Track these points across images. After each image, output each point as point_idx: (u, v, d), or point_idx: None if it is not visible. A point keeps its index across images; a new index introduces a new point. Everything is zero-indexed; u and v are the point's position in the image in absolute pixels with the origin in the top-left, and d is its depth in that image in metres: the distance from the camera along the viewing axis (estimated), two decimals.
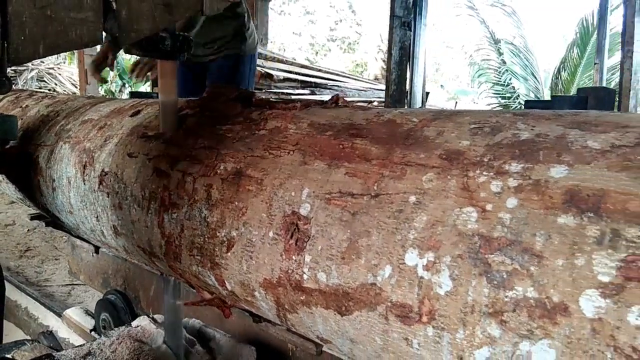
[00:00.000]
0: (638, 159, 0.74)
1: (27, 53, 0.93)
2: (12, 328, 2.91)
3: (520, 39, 14.05)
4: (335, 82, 8.71)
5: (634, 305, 0.64)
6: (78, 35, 0.98)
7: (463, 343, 0.78)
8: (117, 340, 1.65)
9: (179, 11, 1.15)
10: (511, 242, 0.75)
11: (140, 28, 1.09)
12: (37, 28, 0.93)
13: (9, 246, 4.61)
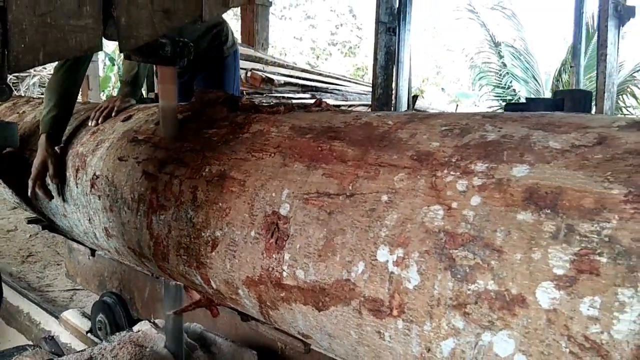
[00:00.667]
0: (595, 158, 0.78)
1: (27, 60, 0.94)
2: (14, 333, 2.93)
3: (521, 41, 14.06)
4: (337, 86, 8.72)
5: (586, 297, 0.68)
6: (78, 42, 0.99)
7: (430, 335, 0.82)
8: (118, 345, 1.66)
9: (178, 17, 1.15)
10: (474, 238, 0.79)
11: (139, 34, 1.10)
12: (37, 35, 0.94)
13: (11, 252, 4.64)
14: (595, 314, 0.67)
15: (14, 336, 2.89)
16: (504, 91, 13.86)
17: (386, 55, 2.29)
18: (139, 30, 1.09)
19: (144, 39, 1.11)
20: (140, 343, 1.72)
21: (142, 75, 2.08)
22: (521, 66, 13.93)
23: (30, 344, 2.42)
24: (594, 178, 0.75)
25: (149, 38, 1.12)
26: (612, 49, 1.96)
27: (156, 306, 2.20)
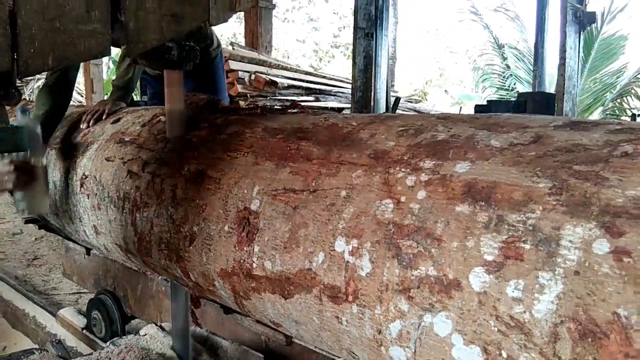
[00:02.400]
0: (529, 155, 0.87)
1: (37, 65, 0.95)
2: (20, 337, 2.97)
3: (524, 43, 14.08)
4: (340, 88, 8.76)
5: (511, 280, 0.76)
6: (86, 46, 1.00)
7: (380, 318, 0.90)
8: (125, 349, 1.67)
9: (186, 22, 1.17)
10: (418, 229, 0.87)
11: (147, 39, 1.11)
12: (46, 40, 0.95)
13: (16, 255, 4.68)
14: (519, 296, 0.75)
15: (20, 340, 2.88)
16: (507, 93, 13.89)
17: (365, 59, 2.38)
18: (147, 35, 1.10)
19: (152, 43, 1.13)
20: (146, 346, 1.75)
21: (135, 80, 2.16)
22: (525, 68, 13.94)
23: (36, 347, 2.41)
24: (525, 173, 0.83)
25: (157, 42, 1.15)
26: (572, 53, 2.04)
27: (148, 303, 2.29)
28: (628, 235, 0.69)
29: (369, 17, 2.39)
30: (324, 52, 20.76)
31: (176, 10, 1.13)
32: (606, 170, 0.77)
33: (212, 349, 1.85)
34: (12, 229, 5.16)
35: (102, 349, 1.72)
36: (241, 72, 6.60)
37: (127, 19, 1.06)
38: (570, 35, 2.06)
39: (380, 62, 2.48)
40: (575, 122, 0.92)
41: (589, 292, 0.70)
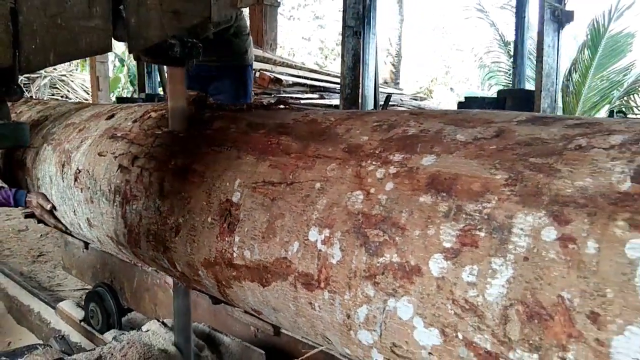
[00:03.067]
0: (490, 148, 0.91)
1: (38, 61, 0.96)
2: (25, 332, 2.99)
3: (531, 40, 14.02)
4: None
5: (467, 266, 0.81)
6: (88, 43, 1.00)
7: (349, 303, 0.95)
8: (127, 345, 1.71)
9: (187, 18, 1.17)
10: (384, 218, 0.92)
11: (149, 35, 1.11)
12: (48, 36, 0.95)
13: (22, 251, 4.73)
14: (473, 280, 0.80)
15: (25, 335, 2.95)
16: None
17: (353, 57, 2.44)
18: (149, 31, 1.11)
19: (153, 39, 1.13)
20: (149, 342, 1.79)
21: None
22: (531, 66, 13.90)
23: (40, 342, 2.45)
24: (485, 166, 0.88)
25: (158, 39, 1.15)
26: (550, 52, 2.08)
27: (144, 296, 2.35)
28: (574, 223, 0.74)
29: (357, 15, 2.44)
30: (329, 49, 20.79)
31: (177, 7, 1.14)
32: (559, 163, 0.81)
33: (213, 345, 1.91)
34: (17, 225, 5.23)
35: (105, 345, 1.77)
36: None
37: (129, 15, 1.07)
38: (549, 33, 2.10)
39: (368, 60, 2.53)
40: (538, 117, 0.97)
41: (536, 276, 0.75)
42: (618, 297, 0.68)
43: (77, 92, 12.28)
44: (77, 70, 12.70)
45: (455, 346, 0.83)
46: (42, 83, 11.93)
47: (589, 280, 0.70)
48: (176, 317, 1.77)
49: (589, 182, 0.76)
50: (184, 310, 1.76)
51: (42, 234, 5.15)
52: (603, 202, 0.73)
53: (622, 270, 0.68)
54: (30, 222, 5.14)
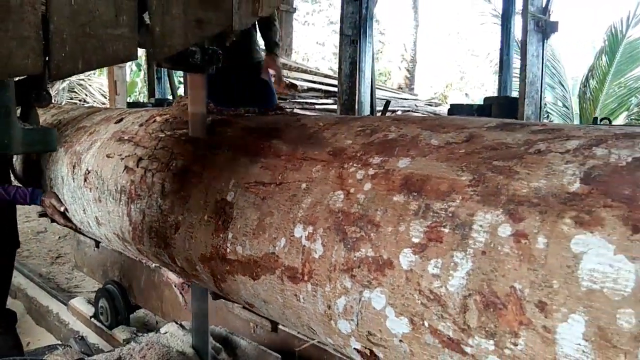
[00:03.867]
0: (459, 152, 0.99)
1: (67, 68, 0.98)
2: (44, 333, 3.08)
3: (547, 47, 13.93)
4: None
5: (432, 259, 0.89)
6: (114, 51, 1.03)
7: (329, 294, 1.03)
8: (146, 346, 1.77)
9: (210, 27, 1.19)
10: (362, 216, 1.00)
11: (173, 44, 1.13)
12: (77, 44, 0.98)
13: (40, 253, 4.83)
14: (437, 272, 0.88)
15: (43, 335, 3.06)
16: None
17: (350, 65, 2.52)
18: (172, 40, 1.13)
19: (177, 47, 1.15)
20: (167, 344, 1.85)
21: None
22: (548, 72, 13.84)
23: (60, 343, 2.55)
24: (453, 168, 0.96)
25: (182, 47, 1.17)
26: (534, 61, 2.15)
27: (151, 294, 2.45)
28: (527, 220, 0.81)
29: (354, 25, 2.53)
30: None
31: (200, 16, 1.16)
32: (518, 165, 0.89)
33: (230, 348, 1.96)
34: (36, 227, 5.36)
35: (124, 346, 1.83)
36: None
37: (153, 24, 1.10)
38: (532, 43, 2.16)
39: (364, 67, 2.62)
40: (506, 124, 1.04)
41: (492, 269, 0.82)
42: (563, 287, 0.75)
43: (94, 96, 12.51)
44: (95, 75, 12.94)
45: (422, 334, 0.90)
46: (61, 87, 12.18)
47: (538, 272, 0.77)
48: (194, 319, 1.82)
49: (543, 183, 0.83)
50: (201, 313, 1.80)
51: (60, 236, 5.25)
52: (554, 201, 0.80)
53: (567, 263, 0.75)
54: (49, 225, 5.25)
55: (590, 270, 0.73)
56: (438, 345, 0.89)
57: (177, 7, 1.13)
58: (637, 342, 0.68)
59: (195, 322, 1.82)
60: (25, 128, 1.15)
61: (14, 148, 1.18)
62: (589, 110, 12.29)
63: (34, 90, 1.17)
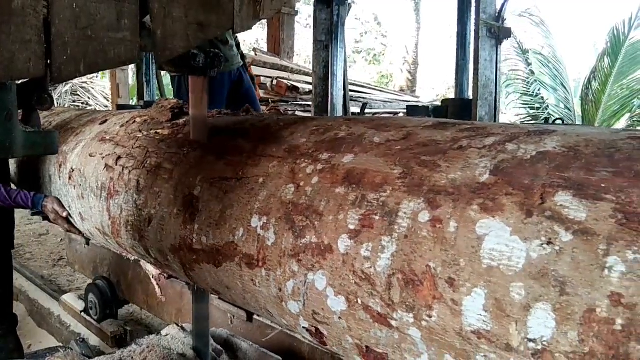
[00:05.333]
0: (396, 148, 1.11)
1: (69, 71, 1.00)
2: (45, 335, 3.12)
3: (549, 48, 14.05)
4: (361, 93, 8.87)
5: (365, 243, 1.01)
6: (116, 54, 1.04)
7: (280, 278, 1.15)
8: (147, 349, 1.79)
9: (211, 30, 1.21)
10: (308, 206, 1.12)
11: (174, 46, 1.15)
12: (79, 48, 0.99)
13: (42, 255, 4.88)
14: (368, 255, 0.99)
15: (45, 338, 3.08)
16: (531, 99, 13.87)
17: (324, 68, 2.66)
18: (174, 43, 1.15)
19: (179, 50, 1.18)
20: (168, 346, 1.87)
21: None
22: (550, 74, 13.92)
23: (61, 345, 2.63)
24: (388, 163, 1.07)
25: (183, 50, 1.20)
26: (486, 65, 2.27)
27: (137, 288, 2.57)
28: (442, 207, 0.93)
29: (327, 31, 2.67)
30: None
31: (202, 19, 1.18)
32: (442, 160, 1.00)
33: (231, 350, 2.00)
34: (38, 229, 5.45)
35: (125, 348, 1.86)
36: (263, 77, 6.88)
37: (155, 27, 1.12)
38: (485, 48, 2.29)
39: (336, 71, 2.76)
40: (441, 123, 1.16)
41: (412, 250, 0.94)
42: (468, 265, 0.86)
43: (97, 99, 12.66)
44: (98, 78, 13.10)
45: (356, 310, 1.02)
46: (64, 90, 12.33)
47: (448, 252, 0.89)
48: (195, 322, 1.86)
49: (459, 175, 0.95)
50: (202, 315, 1.85)
51: (62, 238, 5.33)
52: (466, 190, 0.92)
53: (472, 244, 0.87)
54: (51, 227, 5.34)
55: (490, 250, 0.84)
56: (370, 320, 1.00)
57: (178, 10, 1.15)
58: (526, 311, 0.80)
59: (196, 324, 1.86)
60: (27, 131, 1.17)
61: (16, 151, 1.18)
62: (591, 112, 12.37)
63: (35, 93, 1.19)
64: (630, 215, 0.74)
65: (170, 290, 2.32)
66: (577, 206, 0.79)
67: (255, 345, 2.01)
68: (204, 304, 1.85)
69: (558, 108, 13.42)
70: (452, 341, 0.88)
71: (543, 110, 13.42)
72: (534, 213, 0.82)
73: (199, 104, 1.49)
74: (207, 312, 1.87)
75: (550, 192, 0.83)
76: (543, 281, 0.78)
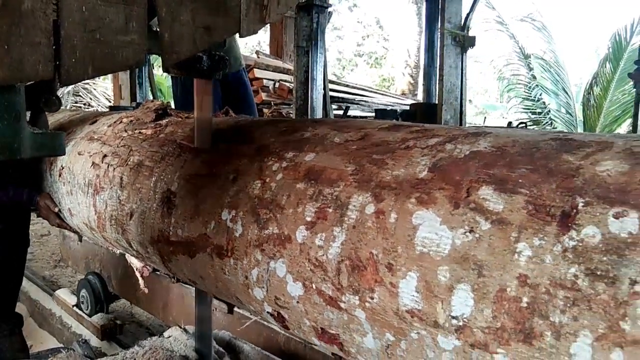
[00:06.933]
0: (352, 148, 1.22)
1: (77, 74, 1.00)
2: (46, 335, 3.20)
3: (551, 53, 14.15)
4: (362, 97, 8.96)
5: (319, 233, 1.12)
6: (124, 57, 1.06)
7: (246, 267, 1.26)
8: (149, 351, 1.83)
9: (217, 33, 1.22)
10: (272, 200, 1.24)
11: (181, 50, 1.17)
12: (87, 50, 1.01)
13: (44, 256, 5.00)
14: (322, 244, 1.11)
15: (46, 339, 3.16)
16: (533, 104, 13.97)
17: (305, 73, 2.80)
18: (181, 46, 1.16)
19: (186, 54, 1.19)
20: (170, 348, 1.91)
21: None
22: (551, 78, 14.01)
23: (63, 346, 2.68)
24: (344, 161, 1.19)
25: (190, 53, 1.21)
26: (452, 72, 2.39)
27: (126, 282, 2.69)
28: (385, 201, 1.04)
29: (308, 37, 2.80)
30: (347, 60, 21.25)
31: (209, 22, 1.20)
32: (389, 158, 1.12)
33: (233, 352, 2.04)
34: (40, 230, 5.53)
35: (128, 350, 1.89)
36: (266, 80, 7.00)
37: (163, 31, 1.13)
38: (450, 56, 2.41)
39: (316, 75, 2.89)
40: (395, 125, 1.28)
41: (359, 239, 1.05)
42: (404, 252, 0.98)
43: (99, 100, 12.80)
44: (100, 79, 13.24)
45: (312, 294, 1.13)
46: (66, 91, 12.47)
47: (388, 240, 1.00)
48: (197, 324, 1.90)
49: (402, 172, 1.07)
50: (205, 317, 1.89)
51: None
52: (406, 185, 1.04)
53: (408, 233, 0.98)
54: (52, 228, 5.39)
55: (423, 238, 0.96)
56: (323, 303, 1.11)
57: (185, 13, 1.17)
58: (450, 291, 0.91)
59: (199, 326, 1.90)
60: (34, 132, 1.18)
61: (23, 152, 1.16)
62: (593, 117, 12.46)
63: (43, 95, 1.21)
64: (539, 207, 0.86)
65: (156, 285, 2.45)
66: (496, 199, 0.90)
67: (257, 348, 2.06)
68: (206, 306, 1.87)
69: (559, 113, 13.52)
70: (391, 320, 0.99)
71: (544, 115, 13.51)
72: (461, 205, 0.93)
73: (204, 107, 1.51)
74: (210, 314, 1.89)
75: (475, 186, 0.94)
76: (464, 265, 0.89)
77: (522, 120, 13.72)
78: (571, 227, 0.81)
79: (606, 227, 0.78)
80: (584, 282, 0.77)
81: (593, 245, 0.78)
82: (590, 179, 0.84)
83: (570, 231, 0.81)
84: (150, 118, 1.77)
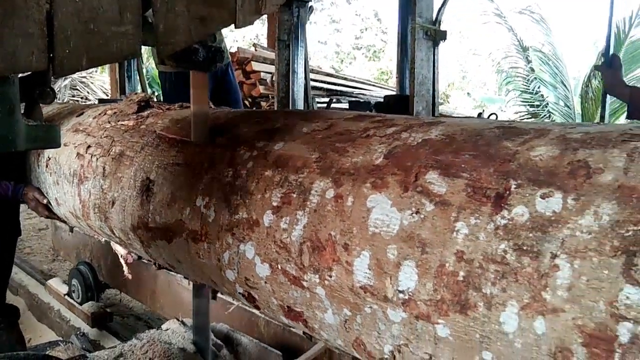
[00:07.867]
0: (318, 137, 1.30)
1: (71, 65, 1.00)
2: (45, 329, 3.25)
3: (549, 46, 14.18)
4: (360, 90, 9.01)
5: (284, 217, 1.20)
6: (119, 48, 1.05)
7: (219, 250, 1.35)
8: (147, 343, 1.86)
9: (213, 24, 1.22)
10: (242, 187, 1.32)
11: (176, 41, 1.17)
12: (81, 41, 0.99)
13: (42, 250, 5.07)
14: (286, 227, 1.19)
15: (45, 332, 3.21)
16: (531, 96, 14.03)
17: (286, 66, 2.88)
18: (176, 37, 1.16)
19: (181, 45, 1.19)
20: (168, 341, 1.94)
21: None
22: (549, 71, 14.06)
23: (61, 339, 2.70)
24: (309, 149, 1.27)
25: (185, 44, 1.21)
26: (423, 64, 2.48)
27: (116, 272, 2.78)
28: (344, 186, 1.12)
29: (289, 30, 2.89)
30: (345, 53, 21.31)
31: (204, 13, 1.19)
32: (350, 146, 1.20)
33: (231, 345, 2.07)
34: (38, 224, 5.61)
35: (126, 343, 1.92)
36: (263, 73, 7.04)
37: (157, 21, 1.13)
38: (422, 49, 2.50)
39: (297, 68, 2.98)
40: (360, 115, 1.36)
41: (319, 222, 1.13)
42: (359, 232, 1.06)
43: (96, 94, 12.85)
44: (97, 72, 13.30)
45: (277, 275, 1.22)
46: (63, 84, 12.53)
47: (345, 222, 1.09)
48: (195, 316, 1.94)
49: (361, 158, 1.15)
50: (202, 310, 1.94)
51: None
52: (363, 171, 1.12)
53: (362, 215, 1.06)
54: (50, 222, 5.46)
55: (375, 219, 1.04)
56: (288, 283, 1.20)
57: (180, 4, 1.16)
58: (397, 268, 0.99)
59: (197, 319, 1.94)
60: (29, 124, 1.18)
61: (18, 144, 1.15)
62: (591, 110, 12.52)
63: (38, 86, 1.21)
64: (477, 189, 0.94)
65: (144, 272, 2.53)
66: (440, 182, 0.99)
67: (255, 340, 2.10)
68: (204, 299, 1.91)
69: (558, 106, 13.58)
70: (347, 296, 1.08)
71: (543, 107, 13.58)
72: (409, 188, 1.02)
73: (200, 99, 1.51)
74: (207, 306, 1.92)
75: (423, 171, 1.02)
76: (410, 243, 0.97)
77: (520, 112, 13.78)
78: (504, 207, 0.89)
79: (534, 206, 0.86)
80: (512, 257, 0.85)
81: (521, 223, 0.86)
82: (524, 163, 0.92)
83: (503, 211, 0.89)
84: (133, 110, 1.85)
